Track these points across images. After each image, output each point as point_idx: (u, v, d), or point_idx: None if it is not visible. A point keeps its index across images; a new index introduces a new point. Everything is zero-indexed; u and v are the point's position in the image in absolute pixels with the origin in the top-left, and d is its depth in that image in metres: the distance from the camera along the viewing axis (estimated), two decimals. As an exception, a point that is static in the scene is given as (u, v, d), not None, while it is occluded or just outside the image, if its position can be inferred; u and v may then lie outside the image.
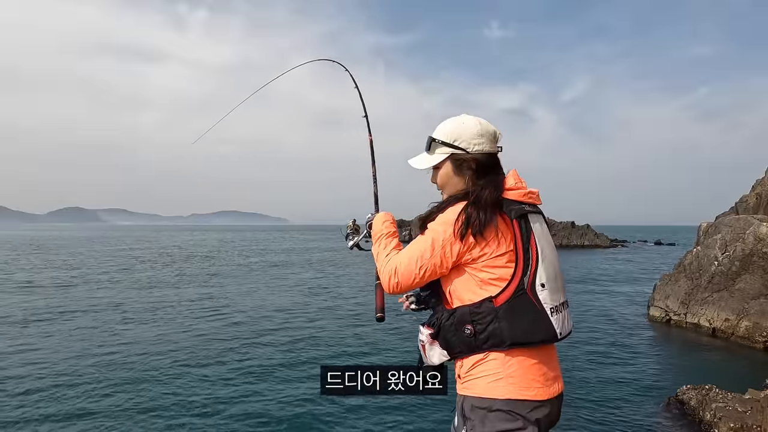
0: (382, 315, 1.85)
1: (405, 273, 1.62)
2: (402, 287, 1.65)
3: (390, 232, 1.83)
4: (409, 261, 1.62)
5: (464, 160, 1.67)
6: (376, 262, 1.78)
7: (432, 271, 1.60)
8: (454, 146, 1.67)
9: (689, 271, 11.32)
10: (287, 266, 27.21)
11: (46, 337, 9.74)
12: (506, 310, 1.51)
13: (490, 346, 1.52)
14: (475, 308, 1.54)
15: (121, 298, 15.02)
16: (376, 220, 1.91)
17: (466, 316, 1.55)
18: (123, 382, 7.06)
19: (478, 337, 1.53)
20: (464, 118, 1.72)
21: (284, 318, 12.00)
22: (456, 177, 1.70)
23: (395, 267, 1.64)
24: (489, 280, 1.55)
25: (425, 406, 6.15)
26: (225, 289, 17.19)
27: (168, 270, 24.08)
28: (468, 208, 1.56)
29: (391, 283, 1.65)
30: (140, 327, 10.78)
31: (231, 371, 7.63)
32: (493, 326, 1.51)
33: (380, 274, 1.72)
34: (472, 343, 1.54)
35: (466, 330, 1.54)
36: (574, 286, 18.47)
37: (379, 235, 1.84)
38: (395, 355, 8.72)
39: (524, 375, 1.52)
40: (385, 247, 1.78)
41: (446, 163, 1.71)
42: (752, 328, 9.30)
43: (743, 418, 5.25)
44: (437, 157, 1.72)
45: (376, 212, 2.07)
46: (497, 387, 1.52)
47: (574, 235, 48.59)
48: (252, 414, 5.98)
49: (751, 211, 13.23)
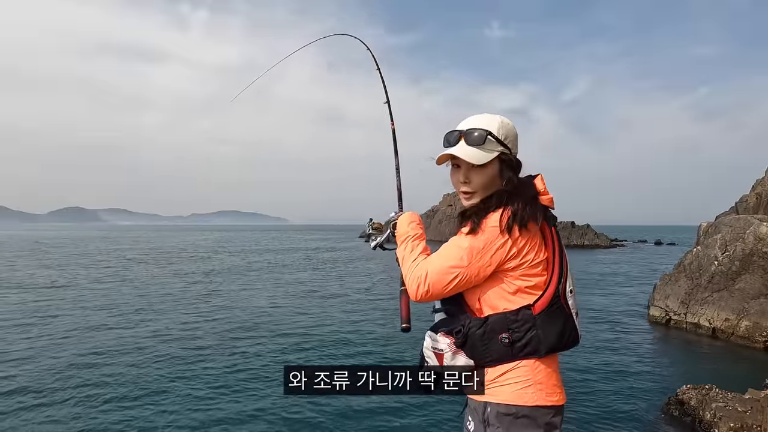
0: (408, 325, 1.70)
1: (436, 280, 1.51)
2: (432, 295, 1.53)
3: (417, 234, 1.72)
4: (440, 267, 1.52)
5: (511, 161, 1.60)
6: (402, 266, 1.66)
7: (467, 281, 1.51)
8: (504, 144, 1.58)
9: (689, 271, 11.32)
10: (286, 266, 27.21)
11: (37, 338, 9.74)
12: (544, 318, 1.50)
13: (527, 354, 1.49)
14: (512, 315, 1.50)
15: (120, 298, 15.02)
16: (402, 221, 1.79)
17: (502, 324, 1.49)
18: (116, 382, 7.06)
19: (515, 345, 1.49)
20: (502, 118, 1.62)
21: (281, 318, 11.99)
22: (499, 179, 1.60)
23: (426, 273, 1.53)
24: (525, 288, 1.52)
25: (424, 406, 6.15)
26: (222, 289, 17.18)
27: (165, 270, 24.08)
28: (514, 204, 1.50)
29: (420, 291, 1.53)
30: (133, 327, 10.78)
31: (225, 370, 7.63)
32: (530, 334, 1.48)
33: (406, 279, 1.60)
34: (508, 352, 1.50)
35: (503, 339, 1.49)
36: (574, 286, 18.46)
37: (405, 237, 1.72)
38: (396, 354, 8.72)
39: (548, 381, 1.51)
40: (412, 251, 1.65)
41: (494, 163, 1.57)
42: (752, 328, 9.29)
43: (743, 418, 5.25)
44: (490, 155, 1.56)
45: (400, 210, 1.97)
46: (525, 394, 1.49)
47: (574, 235, 48.59)
48: (245, 413, 5.98)
49: (751, 211, 13.23)
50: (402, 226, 1.76)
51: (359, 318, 12.05)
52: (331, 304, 14.28)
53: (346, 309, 13.34)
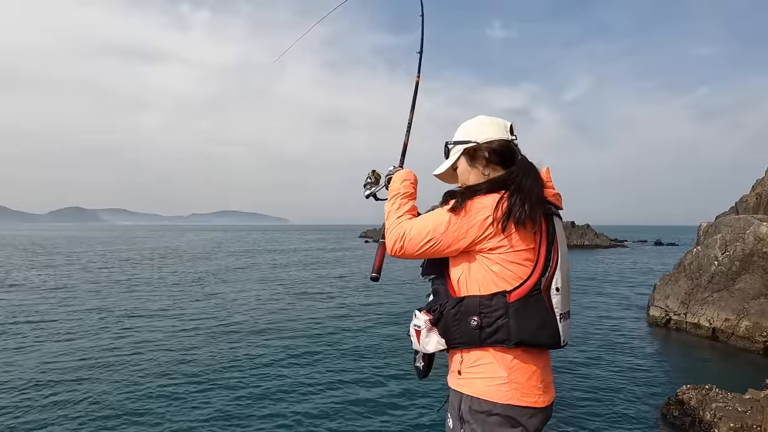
0: (377, 275, 1.79)
1: (412, 241, 1.58)
2: (405, 254, 1.61)
3: (408, 192, 1.76)
4: (420, 231, 1.57)
5: (476, 150, 1.65)
6: (386, 219, 1.73)
7: (438, 248, 1.56)
8: (463, 141, 1.68)
9: (689, 271, 11.32)
10: (282, 266, 27.21)
11: (28, 338, 9.74)
12: (518, 308, 1.47)
13: (494, 341, 1.48)
14: (486, 300, 1.49)
15: (109, 299, 15.02)
16: (397, 177, 1.82)
17: (475, 307, 1.50)
18: (113, 383, 7.06)
19: (484, 330, 1.48)
20: (474, 118, 1.71)
21: (277, 319, 11.99)
22: (473, 169, 1.67)
23: (404, 232, 1.60)
24: (504, 276, 1.50)
25: (414, 400, 6.14)
26: (219, 290, 17.18)
27: (159, 271, 24.07)
28: (512, 197, 1.49)
29: (395, 247, 1.61)
30: (128, 329, 10.78)
31: (218, 370, 7.63)
32: (501, 321, 1.47)
33: (387, 233, 1.68)
34: (476, 336, 1.49)
35: (472, 321, 1.49)
36: (574, 286, 18.47)
37: (395, 192, 1.76)
38: (387, 360, 8.72)
39: (527, 381, 1.49)
40: (398, 208, 1.71)
41: (461, 160, 1.70)
42: (752, 328, 9.29)
43: (743, 418, 5.24)
44: (452, 158, 1.71)
45: (400, 166, 1.99)
46: (499, 391, 1.48)
47: (574, 235, 48.60)
48: (239, 414, 5.98)
49: (751, 211, 13.23)
50: (395, 182, 1.80)
51: (352, 319, 12.05)
52: (322, 304, 14.28)
53: (336, 310, 13.34)
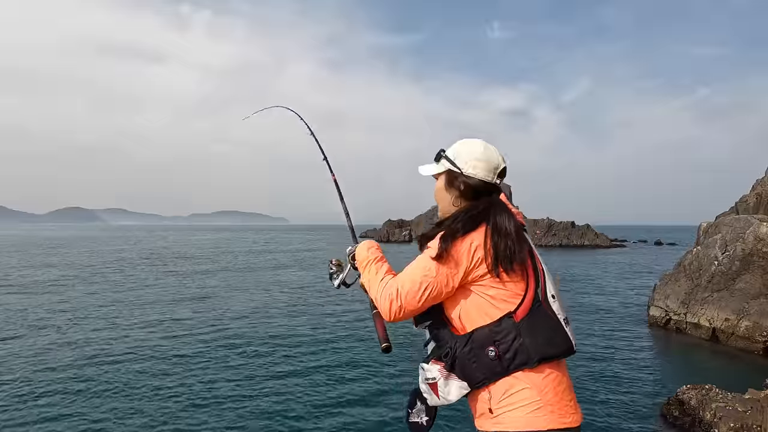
0: (388, 345, 1.65)
1: (408, 295, 1.49)
2: (405, 312, 1.51)
3: (378, 257, 1.70)
4: (412, 282, 1.49)
5: (455, 178, 1.62)
6: (369, 290, 1.65)
7: (438, 292, 1.48)
8: (452, 162, 1.63)
9: (689, 271, 11.31)
10: (279, 267, 27.19)
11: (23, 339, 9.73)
12: (528, 325, 1.44)
13: (517, 365, 1.42)
14: (495, 327, 1.45)
15: (116, 299, 15.02)
16: (360, 249, 1.77)
17: (487, 338, 1.44)
18: (110, 383, 7.06)
19: (504, 357, 1.42)
20: (475, 141, 1.66)
21: (278, 320, 11.99)
22: (446, 193, 1.65)
23: (396, 289, 1.51)
24: (502, 297, 1.47)
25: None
26: (218, 290, 17.17)
27: (158, 271, 24.06)
28: (494, 237, 1.47)
29: (392, 309, 1.50)
30: (124, 329, 10.77)
31: (213, 371, 7.63)
32: (517, 343, 1.42)
33: (377, 301, 1.58)
34: (497, 367, 1.43)
35: (489, 353, 1.43)
36: (574, 286, 18.47)
37: (366, 261, 1.69)
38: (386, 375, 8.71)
39: (560, 401, 1.44)
40: (377, 273, 1.63)
41: (442, 176, 1.67)
42: (752, 328, 9.29)
43: (743, 418, 5.24)
44: (437, 168, 1.68)
45: (355, 243, 1.92)
46: (537, 418, 1.40)
47: (574, 235, 48.59)
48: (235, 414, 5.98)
49: (751, 211, 13.22)
50: (361, 252, 1.75)
51: (352, 322, 12.05)
52: (322, 306, 14.27)
53: (337, 311, 13.34)
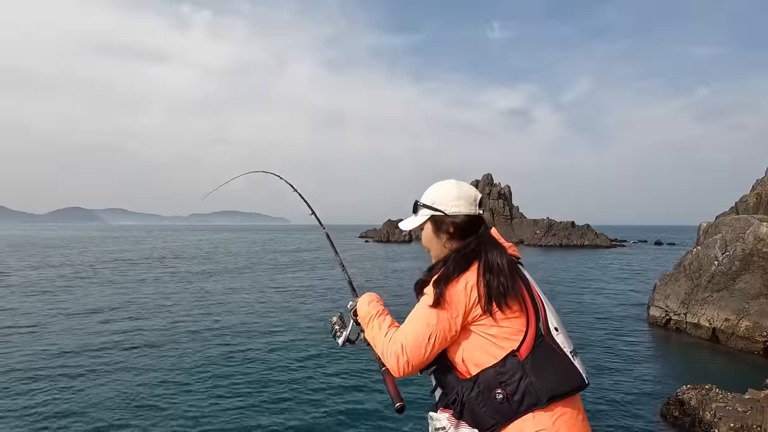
0: (401, 404, 1.57)
1: (414, 348, 1.47)
2: (413, 365, 1.48)
3: (379, 311, 1.69)
4: (416, 334, 1.47)
5: (443, 222, 1.63)
6: (375, 347, 1.63)
7: (443, 338, 1.46)
8: (433, 208, 1.65)
9: (689, 271, 11.31)
10: (277, 268, 27.18)
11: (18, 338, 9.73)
12: (533, 362, 1.40)
13: (527, 407, 1.37)
14: (500, 368, 1.41)
15: (112, 299, 15.01)
16: (361, 304, 1.75)
17: (493, 380, 1.40)
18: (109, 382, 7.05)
19: (512, 399, 1.38)
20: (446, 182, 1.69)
21: (277, 321, 11.99)
22: (435, 237, 1.66)
23: (401, 344, 1.49)
24: (504, 335, 1.44)
25: None
26: (218, 291, 17.17)
27: (156, 272, 24.05)
28: (486, 275, 1.46)
29: (400, 364, 1.49)
30: (122, 329, 10.77)
31: (210, 372, 7.62)
32: (524, 383, 1.38)
33: (384, 357, 1.55)
34: (507, 410, 1.38)
35: (497, 396, 1.39)
36: (575, 286, 18.46)
37: (368, 317, 1.69)
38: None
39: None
40: (380, 328, 1.62)
41: (427, 224, 1.68)
42: (752, 328, 9.28)
43: (743, 418, 5.24)
44: (420, 219, 1.69)
45: (355, 297, 1.91)
46: None
47: (574, 235, 48.58)
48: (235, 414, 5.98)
49: (751, 211, 13.23)
50: (362, 308, 1.74)
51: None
52: (322, 305, 14.27)
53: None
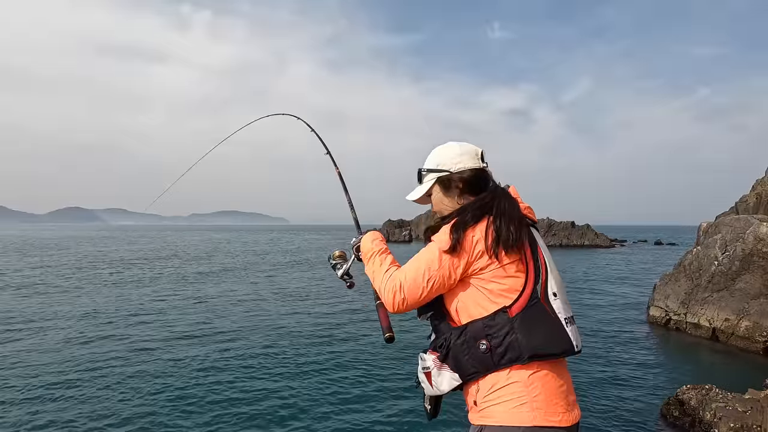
0: (391, 335, 1.69)
1: (411, 287, 1.53)
2: (408, 304, 1.55)
3: (382, 249, 1.75)
4: (415, 274, 1.53)
5: (450, 180, 1.67)
6: (374, 281, 1.69)
7: (440, 284, 1.52)
8: (437, 170, 1.70)
9: (689, 271, 11.31)
10: (276, 267, 27.20)
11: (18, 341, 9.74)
12: (522, 320, 1.44)
13: (508, 361, 1.43)
14: (489, 321, 1.46)
15: (111, 299, 15.01)
16: (365, 240, 1.82)
17: (480, 331, 1.46)
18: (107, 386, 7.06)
19: (495, 352, 1.43)
20: (445, 144, 1.74)
21: (277, 321, 11.99)
22: (447, 198, 1.69)
23: (399, 282, 1.55)
24: (499, 291, 1.48)
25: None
26: (218, 292, 17.17)
27: (155, 271, 24.06)
28: (497, 221, 1.50)
29: (396, 301, 1.55)
30: (121, 330, 10.78)
31: (210, 373, 7.63)
32: (509, 338, 1.43)
33: (381, 292, 1.63)
34: (489, 361, 1.44)
35: (481, 346, 1.45)
36: (574, 286, 18.47)
37: (371, 253, 1.75)
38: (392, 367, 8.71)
39: (549, 398, 1.43)
40: (381, 264, 1.68)
41: (435, 188, 1.72)
42: (752, 328, 9.29)
43: (743, 418, 5.24)
44: (426, 185, 1.73)
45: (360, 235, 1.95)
46: (521, 413, 1.40)
47: (574, 235, 48.58)
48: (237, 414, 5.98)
49: (751, 211, 13.24)
50: (366, 244, 1.80)
51: (354, 324, 12.05)
52: (323, 308, 14.27)
53: (337, 313, 13.33)
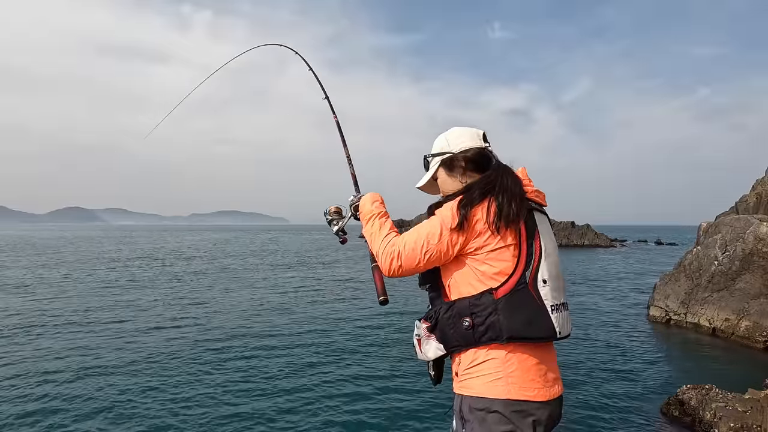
0: (385, 298, 1.76)
1: (408, 256, 1.59)
2: (404, 271, 1.61)
3: (382, 212, 1.79)
4: (414, 245, 1.58)
5: (453, 160, 1.72)
6: (371, 243, 1.73)
7: (437, 257, 1.58)
8: (441, 153, 1.75)
9: (689, 271, 11.31)
10: (276, 266, 27.21)
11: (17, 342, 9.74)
12: (506, 303, 1.49)
13: (488, 339, 1.50)
14: (475, 300, 1.53)
15: (110, 299, 15.01)
16: (365, 201, 1.84)
17: (465, 309, 1.54)
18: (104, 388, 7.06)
19: (477, 329, 1.51)
20: (450, 129, 1.78)
21: (277, 321, 11.99)
22: (450, 178, 1.74)
23: (398, 250, 1.60)
24: (490, 274, 1.53)
25: (420, 410, 6.14)
26: (218, 292, 17.17)
27: (155, 271, 24.07)
28: (499, 197, 1.54)
29: (392, 267, 1.61)
30: (121, 331, 10.78)
31: (211, 373, 7.62)
32: (491, 319, 1.49)
33: (378, 256, 1.67)
34: (470, 337, 1.52)
35: (464, 322, 1.52)
36: (574, 286, 18.47)
37: (370, 215, 1.78)
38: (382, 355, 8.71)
39: (524, 375, 1.49)
40: (380, 228, 1.72)
41: (440, 170, 1.76)
42: (752, 328, 9.29)
43: (743, 418, 5.24)
44: (432, 170, 1.78)
45: (358, 193, 2.01)
46: (496, 386, 1.48)
47: (574, 235, 48.58)
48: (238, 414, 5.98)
49: (751, 211, 13.24)
50: (366, 205, 1.83)
51: (354, 321, 12.04)
52: (327, 305, 14.27)
53: (338, 311, 13.33)
